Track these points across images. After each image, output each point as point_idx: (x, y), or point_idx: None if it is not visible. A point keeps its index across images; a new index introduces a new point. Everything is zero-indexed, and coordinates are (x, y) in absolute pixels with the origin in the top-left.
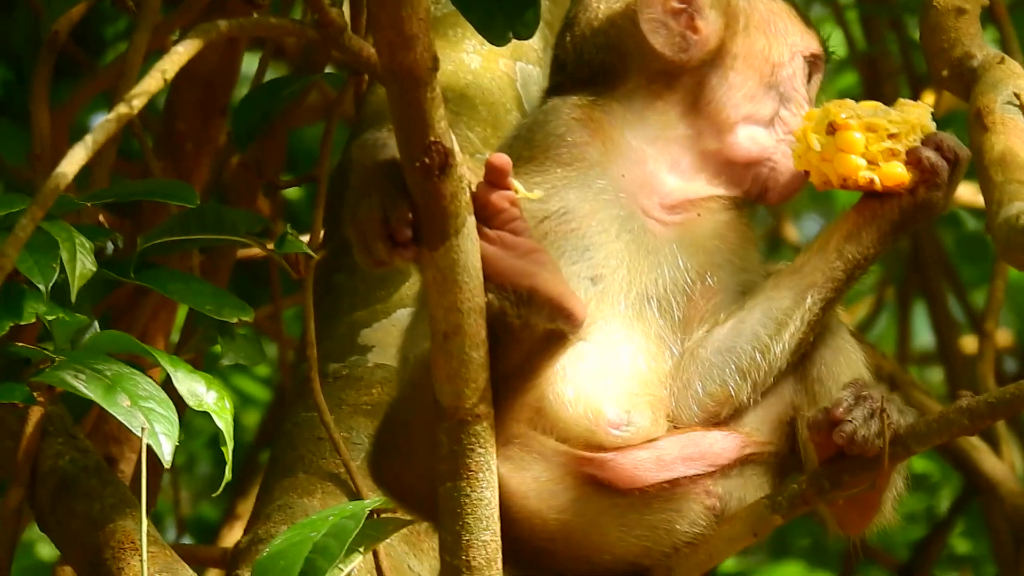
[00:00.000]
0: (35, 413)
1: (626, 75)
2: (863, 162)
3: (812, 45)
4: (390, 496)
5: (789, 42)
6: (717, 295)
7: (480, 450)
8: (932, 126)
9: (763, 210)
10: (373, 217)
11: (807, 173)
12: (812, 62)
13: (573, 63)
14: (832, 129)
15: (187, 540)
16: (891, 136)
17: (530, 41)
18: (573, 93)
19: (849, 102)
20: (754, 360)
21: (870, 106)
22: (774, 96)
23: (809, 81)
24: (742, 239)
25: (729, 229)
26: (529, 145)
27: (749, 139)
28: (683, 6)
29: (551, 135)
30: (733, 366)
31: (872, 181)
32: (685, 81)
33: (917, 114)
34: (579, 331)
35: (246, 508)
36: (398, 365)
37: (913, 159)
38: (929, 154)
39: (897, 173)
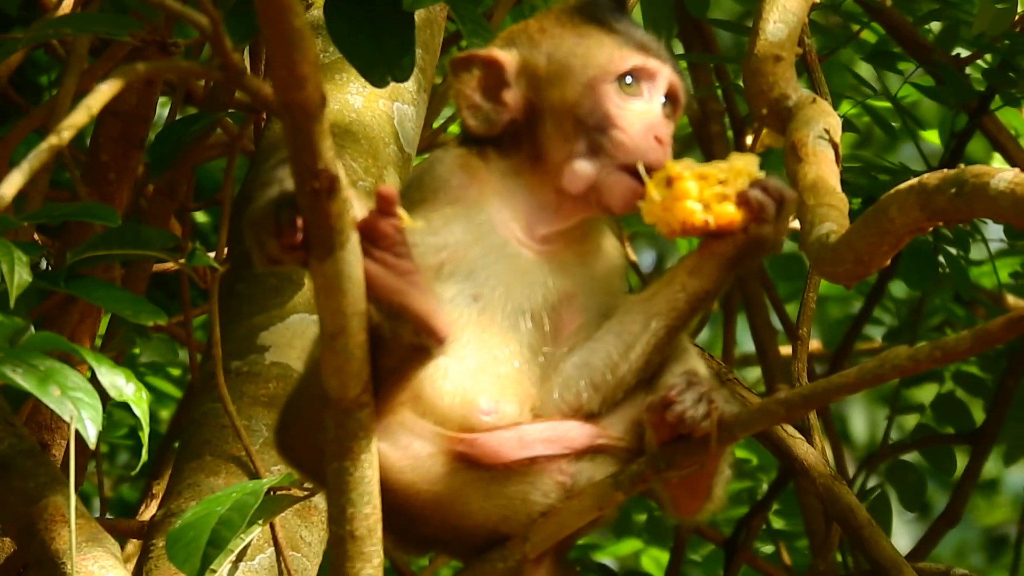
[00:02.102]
0: None
1: (495, 140)
2: (698, 206)
3: (621, 64)
4: (292, 466)
5: (587, 77)
6: (582, 314)
7: (362, 434)
8: (759, 173)
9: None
10: (267, 218)
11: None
12: (631, 75)
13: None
14: (669, 182)
15: (110, 516)
16: (721, 182)
17: (406, 84)
18: (464, 146)
19: (688, 161)
20: (604, 376)
21: (706, 164)
22: (586, 129)
23: (632, 92)
24: (606, 266)
25: (594, 258)
26: (420, 189)
27: (573, 174)
28: (492, 85)
29: (438, 179)
30: (587, 380)
31: (707, 222)
32: (524, 137)
33: (744, 162)
34: (442, 346)
35: (160, 489)
36: (306, 359)
37: (742, 200)
38: (756, 193)
39: (728, 212)
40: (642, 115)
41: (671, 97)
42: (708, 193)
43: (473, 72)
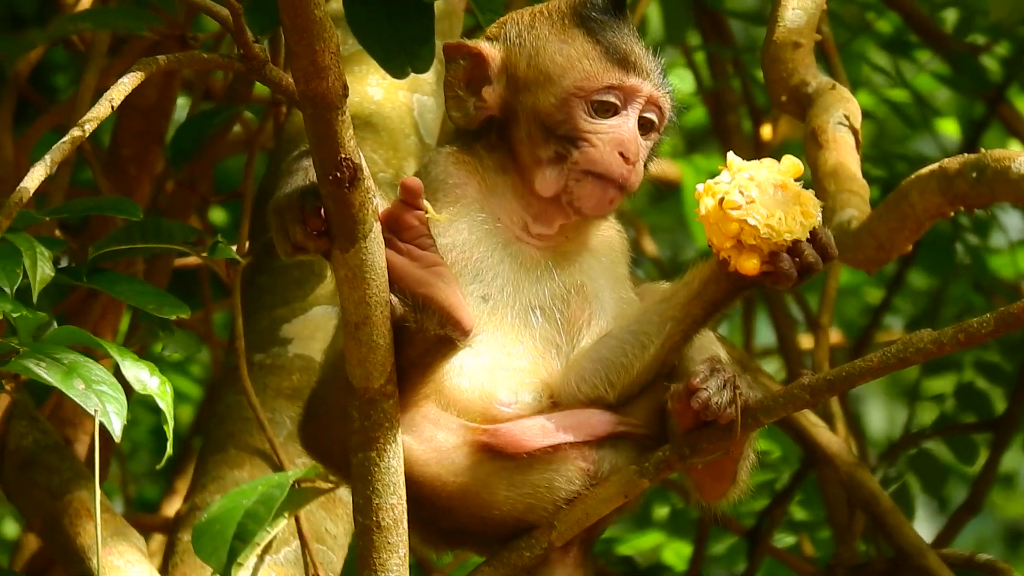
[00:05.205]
0: (2, 400)
1: (484, 133)
2: (728, 244)
3: (596, 82)
4: (316, 459)
5: (562, 90)
6: (593, 302)
7: (387, 424)
8: (806, 235)
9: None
10: (292, 205)
11: (618, 193)
12: (606, 93)
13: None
14: (722, 202)
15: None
16: (761, 238)
17: (425, 75)
18: (455, 144)
19: (756, 174)
20: (619, 373)
21: (767, 183)
22: (555, 140)
23: (606, 110)
24: (610, 253)
25: (597, 245)
26: None
27: (542, 179)
28: (476, 77)
29: (436, 180)
30: (604, 374)
31: (728, 260)
32: (502, 136)
33: (794, 225)
34: (467, 339)
35: (183, 485)
36: (326, 352)
37: (773, 260)
38: (785, 264)
39: (750, 266)
40: (611, 133)
41: (652, 111)
42: (746, 239)
43: (460, 62)
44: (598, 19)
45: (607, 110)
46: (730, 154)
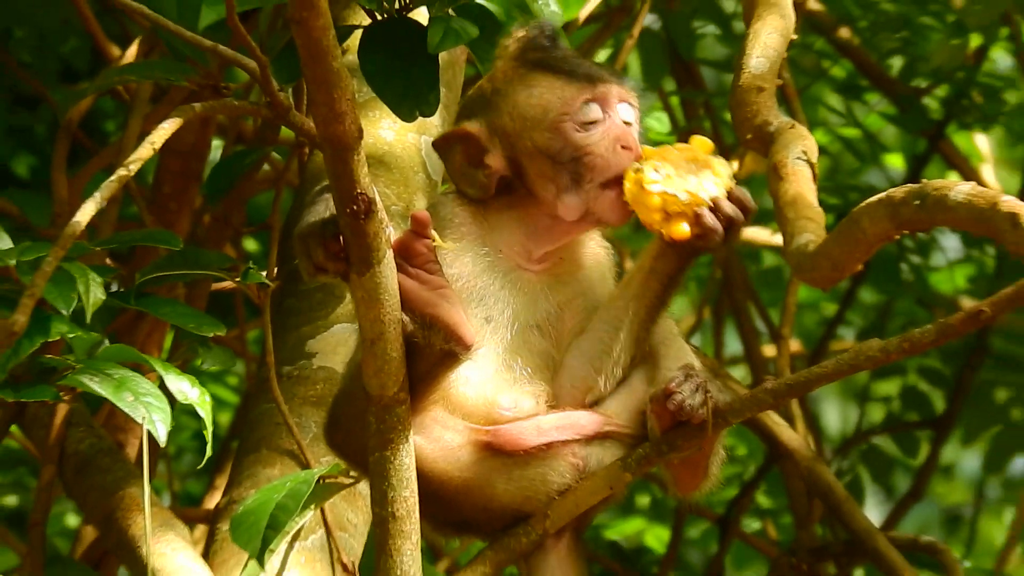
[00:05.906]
0: (62, 409)
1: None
2: (658, 217)
3: (573, 102)
4: (341, 458)
5: (547, 122)
6: (581, 316)
7: (400, 427)
8: (723, 192)
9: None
10: (314, 232)
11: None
12: (585, 107)
13: None
14: (641, 186)
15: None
16: (683, 203)
17: (432, 118)
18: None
19: (667, 155)
20: (602, 359)
21: (678, 159)
22: (563, 167)
23: (591, 120)
24: (599, 268)
25: (587, 263)
26: None
27: (565, 206)
28: (474, 153)
29: (443, 219)
30: (589, 366)
31: (661, 232)
32: (517, 183)
33: (709, 187)
34: (469, 352)
35: (222, 481)
36: (346, 365)
37: (698, 220)
38: (708, 220)
39: (680, 230)
40: (605, 135)
41: (627, 104)
42: (671, 208)
43: (455, 148)
44: (542, 56)
45: (592, 120)
46: (643, 147)
